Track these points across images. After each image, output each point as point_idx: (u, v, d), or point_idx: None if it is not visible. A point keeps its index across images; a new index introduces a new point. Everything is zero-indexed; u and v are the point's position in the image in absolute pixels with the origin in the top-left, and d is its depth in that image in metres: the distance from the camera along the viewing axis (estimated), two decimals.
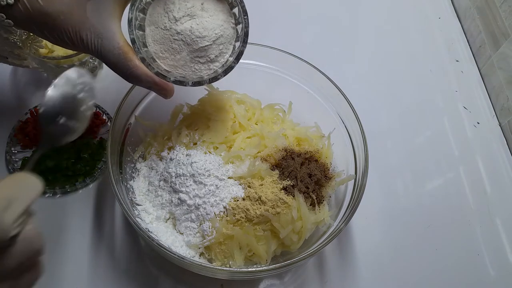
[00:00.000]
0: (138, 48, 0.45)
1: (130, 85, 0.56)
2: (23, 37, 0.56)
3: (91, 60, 0.68)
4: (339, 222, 0.51)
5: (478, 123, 0.72)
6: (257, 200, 0.51)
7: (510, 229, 0.62)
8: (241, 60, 0.62)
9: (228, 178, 0.54)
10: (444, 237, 0.60)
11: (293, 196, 0.52)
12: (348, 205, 0.52)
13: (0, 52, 0.46)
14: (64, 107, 0.40)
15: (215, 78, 0.49)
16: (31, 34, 0.49)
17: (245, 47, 0.48)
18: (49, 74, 0.68)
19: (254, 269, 0.49)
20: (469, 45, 0.82)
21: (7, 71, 0.70)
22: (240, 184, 0.54)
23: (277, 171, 0.54)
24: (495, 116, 0.74)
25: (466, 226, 0.62)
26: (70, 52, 0.65)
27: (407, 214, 0.62)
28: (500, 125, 0.72)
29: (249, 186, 0.53)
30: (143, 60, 0.45)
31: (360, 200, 0.50)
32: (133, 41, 0.45)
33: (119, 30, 0.44)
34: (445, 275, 0.57)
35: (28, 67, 0.50)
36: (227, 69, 0.49)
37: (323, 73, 0.59)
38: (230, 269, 0.49)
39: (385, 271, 0.57)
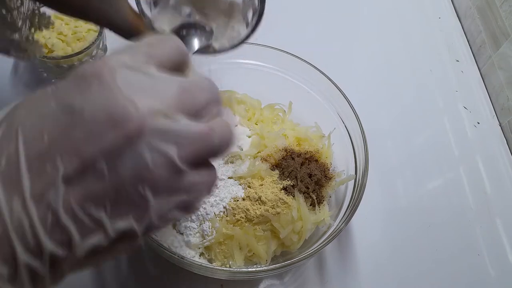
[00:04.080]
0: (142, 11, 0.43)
1: None
2: (29, 12, 0.54)
3: (90, 60, 0.68)
4: (339, 222, 0.51)
5: (478, 123, 0.72)
6: (257, 200, 0.51)
7: (510, 229, 0.62)
8: (241, 60, 0.63)
9: (228, 178, 0.54)
10: (444, 237, 0.60)
11: (293, 196, 0.52)
12: (348, 205, 0.52)
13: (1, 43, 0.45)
14: None
15: (221, 51, 0.45)
16: (36, 11, 0.48)
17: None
18: (49, 74, 0.68)
19: (254, 269, 0.49)
20: (469, 45, 0.82)
21: (7, 71, 0.70)
22: (240, 184, 0.54)
23: (277, 171, 0.54)
24: (495, 116, 0.73)
25: (466, 226, 0.62)
26: (70, 52, 0.65)
27: (407, 214, 0.62)
28: (500, 125, 0.72)
29: (249, 186, 0.53)
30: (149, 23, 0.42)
31: (360, 200, 0.50)
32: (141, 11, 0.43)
33: (126, 5, 0.41)
34: (445, 275, 0.57)
35: (29, 60, 0.49)
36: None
37: (323, 73, 0.59)
38: (230, 269, 0.49)
39: (385, 271, 0.57)
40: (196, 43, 0.41)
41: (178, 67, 0.26)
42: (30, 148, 0.22)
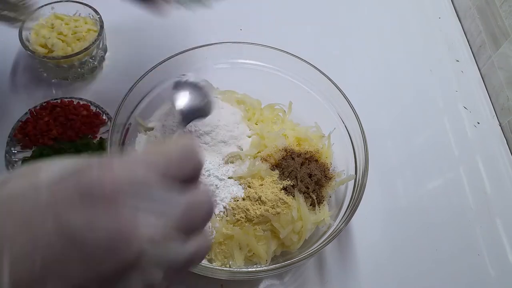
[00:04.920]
0: None
1: (130, 85, 0.56)
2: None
3: (90, 60, 0.68)
4: (339, 222, 0.51)
5: (478, 123, 0.72)
6: (257, 200, 0.51)
7: (510, 229, 0.62)
8: (241, 60, 0.63)
9: (228, 178, 0.54)
10: (444, 237, 0.60)
11: (293, 196, 0.52)
12: (348, 205, 0.52)
13: None
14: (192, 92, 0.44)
15: None
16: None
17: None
18: (49, 74, 0.68)
19: (254, 269, 0.49)
20: (469, 45, 0.82)
21: (7, 71, 0.70)
22: (240, 184, 0.54)
23: (277, 171, 0.54)
24: (495, 116, 0.73)
25: (466, 226, 0.62)
26: (70, 52, 0.65)
27: (407, 214, 0.62)
28: (500, 125, 0.72)
29: (249, 186, 0.53)
30: None
31: (360, 200, 0.50)
32: None
33: None
34: (445, 275, 0.57)
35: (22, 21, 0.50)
36: None
37: (323, 73, 0.59)
38: (230, 269, 0.49)
39: (385, 271, 0.57)
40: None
41: (189, 180, 0.26)
42: (18, 272, 0.20)
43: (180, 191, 0.25)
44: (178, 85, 0.46)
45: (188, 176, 0.26)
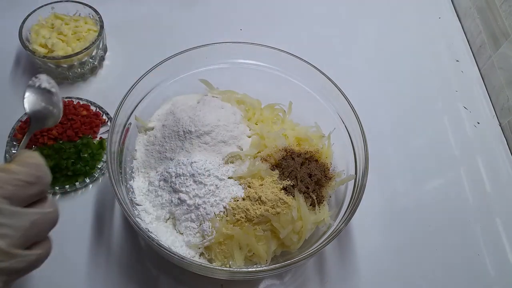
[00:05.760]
0: None
1: (130, 85, 0.56)
2: None
3: (90, 60, 0.68)
4: (339, 222, 0.51)
5: (478, 123, 0.72)
6: (257, 200, 0.51)
7: (510, 229, 0.62)
8: (241, 60, 0.63)
9: (228, 178, 0.54)
10: (444, 237, 0.60)
11: (293, 196, 0.52)
12: (348, 205, 0.52)
13: None
14: (43, 97, 0.48)
15: None
16: None
17: None
18: (49, 74, 0.68)
19: (254, 269, 0.49)
20: (469, 45, 0.82)
21: (7, 71, 0.70)
22: (240, 184, 0.54)
23: (277, 171, 0.54)
24: (495, 116, 0.73)
25: (466, 226, 0.62)
26: (70, 52, 0.65)
27: (407, 214, 0.62)
28: (500, 125, 0.72)
29: (249, 186, 0.53)
30: None
31: (360, 200, 0.50)
32: None
33: None
34: (445, 275, 0.57)
35: None
36: None
37: (323, 73, 0.59)
38: (230, 269, 0.49)
39: (385, 271, 0.57)
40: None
41: (35, 197, 0.33)
42: None
43: (28, 206, 0.32)
44: (30, 89, 0.48)
45: (35, 194, 0.33)
